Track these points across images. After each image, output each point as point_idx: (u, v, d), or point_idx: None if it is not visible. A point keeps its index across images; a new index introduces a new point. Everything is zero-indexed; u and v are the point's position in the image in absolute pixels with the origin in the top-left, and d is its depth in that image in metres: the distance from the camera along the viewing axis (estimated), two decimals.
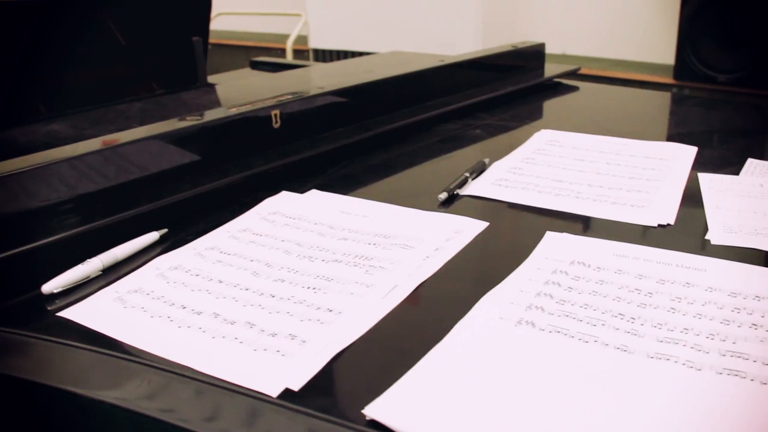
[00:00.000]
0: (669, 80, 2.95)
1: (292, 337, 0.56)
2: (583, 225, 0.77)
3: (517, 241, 0.74)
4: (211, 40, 3.83)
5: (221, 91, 1.54)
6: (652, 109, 1.43)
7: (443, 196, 0.82)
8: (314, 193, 0.85)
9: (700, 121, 1.30)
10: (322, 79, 1.57)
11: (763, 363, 0.51)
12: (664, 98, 1.70)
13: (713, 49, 2.83)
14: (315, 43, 3.35)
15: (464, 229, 0.74)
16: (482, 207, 0.82)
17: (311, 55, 3.34)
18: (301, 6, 3.43)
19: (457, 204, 0.82)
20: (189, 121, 0.86)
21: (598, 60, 3.31)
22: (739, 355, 0.52)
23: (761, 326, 0.56)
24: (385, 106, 1.11)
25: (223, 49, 3.77)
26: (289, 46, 3.19)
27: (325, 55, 3.37)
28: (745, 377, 0.50)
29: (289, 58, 3.17)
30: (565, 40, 3.34)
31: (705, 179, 0.90)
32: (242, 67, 1.95)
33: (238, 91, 1.59)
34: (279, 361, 0.53)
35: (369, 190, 0.89)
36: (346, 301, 0.61)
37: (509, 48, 1.42)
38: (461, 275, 0.67)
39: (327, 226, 0.76)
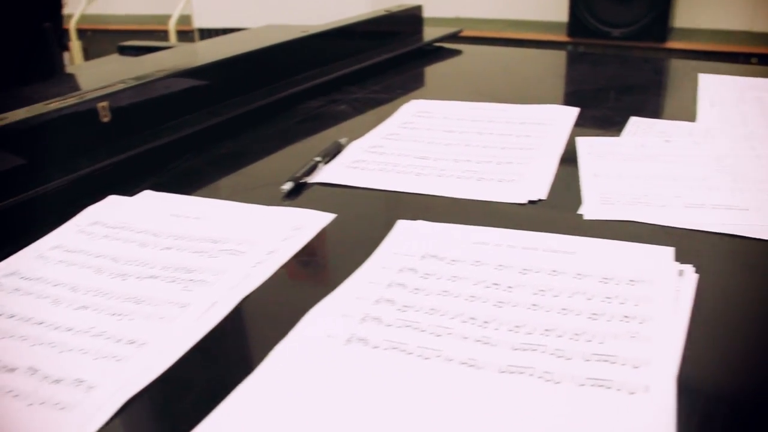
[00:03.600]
0: (564, 38, 2.91)
1: (79, 382, 0.46)
2: (444, 208, 0.68)
3: (368, 234, 0.64)
4: (89, 26, 3.65)
5: (77, 81, 1.40)
6: (539, 70, 1.35)
7: (287, 186, 0.71)
8: (146, 195, 0.74)
9: (586, 79, 1.23)
10: (181, 60, 1.45)
11: (633, 366, 0.43)
12: (555, 57, 1.63)
13: (606, 3, 2.79)
14: (200, 22, 3.18)
15: (306, 225, 0.64)
16: (333, 195, 0.72)
17: (197, 35, 3.18)
18: None
19: (305, 194, 0.72)
20: None
21: (492, 21, 3.24)
22: (606, 358, 0.44)
23: (634, 318, 0.48)
24: (239, 86, 1.00)
25: (103, 35, 3.57)
26: (172, 27, 3.02)
27: (211, 35, 3.21)
28: (610, 387, 0.42)
29: (173, 39, 3.01)
30: (458, 3, 3.26)
31: (583, 144, 0.83)
32: None
33: (95, 79, 1.45)
34: (55, 418, 0.43)
35: (213, 186, 0.78)
36: (154, 327, 0.51)
37: (382, 13, 1.32)
38: (296, 282, 0.57)
39: (151, 234, 0.65)
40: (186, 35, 3.23)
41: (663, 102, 1.08)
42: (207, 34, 3.19)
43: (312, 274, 0.59)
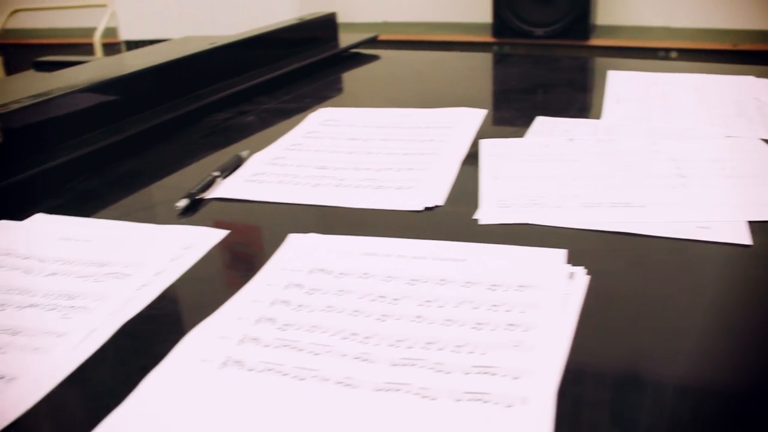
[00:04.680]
0: (489, 39, 2.93)
1: None
2: (340, 219, 0.67)
3: (260, 250, 0.62)
4: (11, 40, 3.54)
5: None
6: (455, 73, 1.34)
7: (182, 203, 0.69)
8: (37, 219, 0.71)
9: (500, 80, 1.23)
10: (94, 75, 1.41)
11: (513, 377, 0.43)
12: (472, 59, 1.63)
13: (529, 3, 2.82)
14: (126, 34, 3.11)
15: (196, 243, 0.63)
16: (230, 211, 0.70)
17: (124, 47, 3.11)
18: None
19: (201, 211, 0.70)
20: None
21: (419, 25, 3.25)
22: (486, 370, 0.43)
23: (519, 326, 0.48)
24: (144, 101, 0.97)
25: (26, 50, 3.48)
26: (97, 40, 2.96)
27: (138, 47, 3.15)
28: (488, 401, 0.41)
29: (98, 53, 2.95)
30: (385, 7, 3.26)
31: (486, 146, 0.82)
32: None
33: (3, 97, 1.40)
34: None
35: (110, 207, 0.75)
36: (27, 360, 0.49)
37: (295, 21, 1.31)
38: (181, 304, 0.55)
39: (37, 260, 0.63)
40: (113, 48, 3.16)
41: (572, 100, 1.09)
42: (134, 45, 3.13)
43: (198, 294, 0.58)
